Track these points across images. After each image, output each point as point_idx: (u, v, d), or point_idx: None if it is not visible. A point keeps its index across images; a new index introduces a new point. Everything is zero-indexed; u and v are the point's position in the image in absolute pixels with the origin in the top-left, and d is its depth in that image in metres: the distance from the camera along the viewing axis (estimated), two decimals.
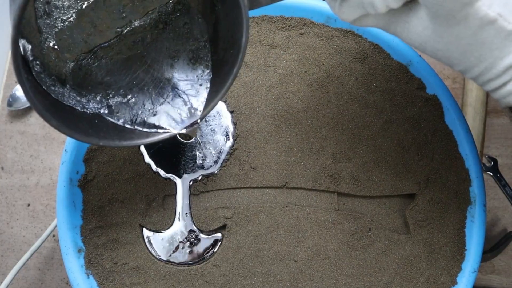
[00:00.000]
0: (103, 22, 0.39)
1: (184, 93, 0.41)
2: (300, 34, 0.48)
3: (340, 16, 0.35)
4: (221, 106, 0.47)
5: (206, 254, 0.44)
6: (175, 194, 0.45)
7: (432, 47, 0.31)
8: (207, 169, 0.46)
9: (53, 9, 0.38)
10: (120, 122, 0.40)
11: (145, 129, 0.40)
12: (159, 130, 0.40)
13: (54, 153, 0.58)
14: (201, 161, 0.46)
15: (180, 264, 0.44)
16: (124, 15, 0.39)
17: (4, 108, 0.61)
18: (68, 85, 0.39)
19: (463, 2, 0.27)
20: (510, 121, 0.37)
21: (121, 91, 0.41)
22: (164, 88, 0.41)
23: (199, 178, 0.46)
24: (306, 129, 0.46)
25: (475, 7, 0.27)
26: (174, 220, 0.45)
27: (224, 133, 0.46)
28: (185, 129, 0.39)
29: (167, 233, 0.45)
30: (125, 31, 0.40)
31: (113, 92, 0.40)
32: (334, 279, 0.44)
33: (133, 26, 0.40)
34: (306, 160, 0.46)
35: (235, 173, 0.45)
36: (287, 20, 0.49)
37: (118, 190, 0.45)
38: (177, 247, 0.45)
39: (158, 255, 0.44)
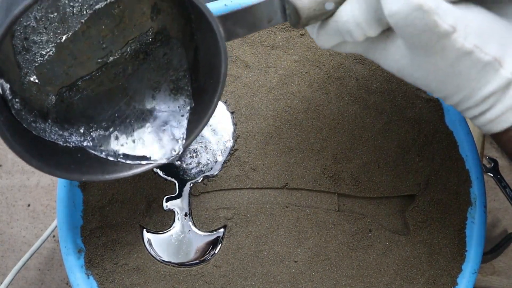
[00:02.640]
0: (83, 54, 0.39)
1: (166, 123, 0.41)
2: (300, 34, 0.48)
3: (318, 43, 0.35)
4: (221, 107, 0.47)
5: (206, 254, 0.44)
6: (175, 195, 0.45)
7: (410, 75, 0.31)
8: (208, 171, 0.46)
9: (31, 44, 0.38)
10: (103, 155, 0.40)
11: (128, 161, 0.40)
12: (142, 162, 0.40)
13: None
14: (202, 166, 0.46)
15: (180, 264, 0.44)
16: (104, 45, 0.39)
17: None
18: (49, 120, 0.39)
19: (439, 34, 0.27)
20: (498, 146, 0.37)
21: (103, 123, 0.40)
22: (146, 120, 0.41)
23: (200, 180, 0.46)
24: (306, 130, 0.46)
25: (452, 39, 0.27)
26: (174, 221, 0.45)
27: (225, 134, 0.46)
28: (167, 160, 0.39)
29: (167, 234, 0.45)
30: (107, 61, 0.40)
31: (95, 125, 0.40)
32: (335, 280, 0.44)
33: (114, 56, 0.40)
34: (307, 161, 0.46)
35: (235, 174, 0.45)
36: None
37: (118, 190, 0.45)
38: (177, 248, 0.45)
39: (158, 256, 0.44)
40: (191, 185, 0.46)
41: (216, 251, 0.44)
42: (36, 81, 0.38)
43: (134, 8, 0.39)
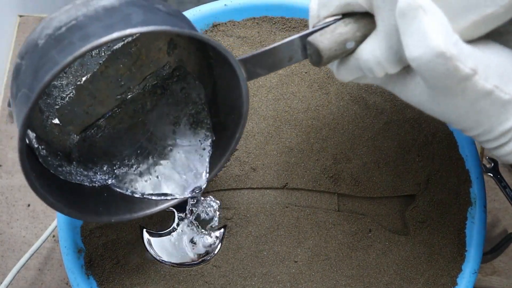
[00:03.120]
0: (102, 93, 0.39)
1: (188, 158, 0.41)
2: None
3: (338, 77, 0.35)
4: None
5: (206, 255, 0.44)
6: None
7: (430, 109, 0.31)
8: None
9: (52, 89, 0.38)
10: (129, 192, 0.40)
11: (154, 197, 0.40)
12: (167, 197, 0.40)
13: None
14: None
15: (180, 264, 0.44)
16: (122, 83, 0.39)
17: (5, 109, 0.61)
18: (74, 162, 0.39)
19: (460, 77, 0.27)
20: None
21: (126, 160, 0.41)
22: (168, 155, 0.41)
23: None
24: (306, 130, 0.46)
25: (472, 81, 0.28)
26: (174, 221, 0.45)
27: None
28: (191, 194, 0.40)
29: (167, 234, 0.45)
30: (125, 98, 0.40)
31: (118, 162, 0.41)
32: (334, 280, 0.44)
33: (132, 92, 0.40)
34: (307, 161, 0.46)
35: (235, 174, 0.45)
36: (287, 21, 0.49)
37: None
38: (177, 248, 0.45)
39: (158, 256, 0.44)
40: None
41: (216, 251, 0.44)
42: (58, 122, 0.39)
43: (151, 45, 0.39)
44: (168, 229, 0.45)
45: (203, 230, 0.45)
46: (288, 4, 0.49)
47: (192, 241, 0.45)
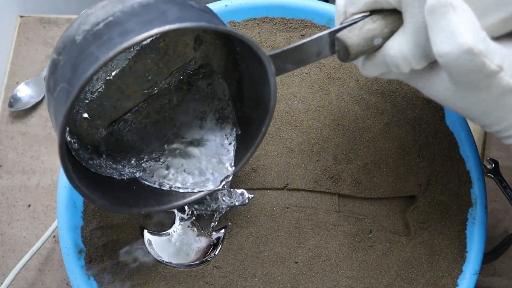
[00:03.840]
0: (129, 87, 0.40)
1: (215, 151, 0.42)
2: (301, 35, 0.48)
3: (363, 72, 0.36)
4: None
5: (207, 255, 0.44)
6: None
7: (453, 105, 0.32)
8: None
9: None
10: (157, 185, 0.41)
11: (181, 190, 0.41)
12: (194, 190, 0.41)
13: (55, 154, 0.58)
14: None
15: (180, 265, 0.44)
16: (149, 78, 0.40)
17: (5, 109, 0.61)
18: (104, 155, 0.40)
19: (486, 74, 0.28)
20: None
21: (153, 154, 0.41)
22: (195, 149, 0.42)
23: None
24: (307, 130, 0.46)
25: (498, 77, 0.28)
26: (174, 222, 0.45)
27: None
28: (218, 187, 0.41)
29: (167, 235, 0.45)
30: (152, 92, 0.40)
31: (146, 156, 0.41)
32: (335, 281, 0.44)
33: (158, 87, 0.41)
34: (307, 162, 0.46)
35: (235, 175, 0.45)
36: (288, 22, 0.49)
37: None
38: (177, 248, 0.44)
39: (159, 256, 0.44)
40: None
41: (216, 252, 0.44)
42: (87, 116, 0.39)
43: (178, 41, 0.40)
44: (169, 230, 0.45)
45: (203, 231, 0.45)
46: (288, 4, 0.49)
47: (192, 242, 0.45)
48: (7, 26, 0.63)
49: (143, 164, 0.41)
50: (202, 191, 0.41)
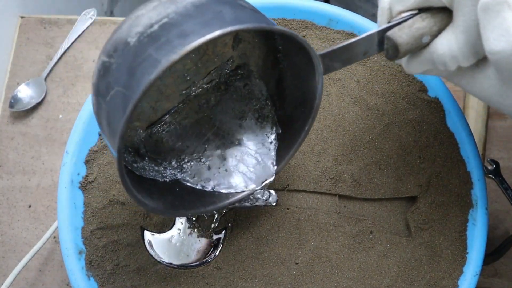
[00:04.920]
0: (168, 88, 0.39)
1: (256, 151, 0.41)
2: (302, 36, 0.48)
3: (407, 69, 0.36)
4: None
5: (207, 256, 0.44)
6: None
7: (497, 102, 0.32)
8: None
9: None
10: (199, 186, 0.41)
11: (223, 190, 0.41)
12: (237, 190, 0.41)
13: (55, 155, 0.58)
14: None
15: (181, 266, 0.44)
16: (188, 78, 0.40)
17: (6, 109, 0.61)
18: (146, 157, 0.40)
19: None
20: None
21: (194, 155, 0.41)
22: (236, 148, 0.42)
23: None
24: None
25: None
26: (175, 222, 0.45)
27: None
28: (261, 186, 0.40)
29: (168, 235, 0.45)
30: (190, 93, 0.40)
31: (186, 157, 0.41)
32: (335, 282, 0.44)
33: (196, 87, 0.40)
34: (307, 163, 0.46)
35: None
36: (288, 23, 0.49)
37: (119, 191, 0.45)
38: (178, 249, 0.44)
39: (159, 257, 0.44)
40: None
41: (217, 253, 0.44)
42: None
43: (218, 40, 0.39)
44: (169, 231, 0.45)
45: (204, 232, 0.45)
46: (289, 5, 0.49)
47: (192, 243, 0.45)
48: (8, 27, 0.63)
49: (184, 165, 0.41)
50: (245, 191, 0.41)
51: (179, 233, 0.45)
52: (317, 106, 0.37)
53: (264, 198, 0.43)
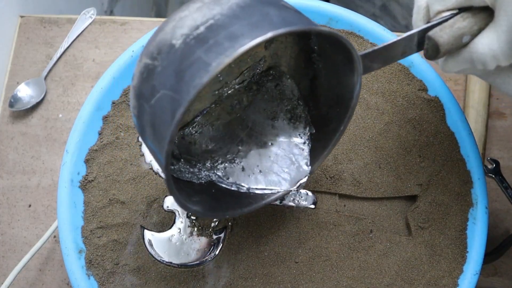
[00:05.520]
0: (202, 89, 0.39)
1: (290, 151, 0.41)
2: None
3: (444, 68, 0.36)
4: None
5: (207, 255, 0.44)
6: None
7: None
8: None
9: None
10: (234, 188, 0.40)
11: (258, 191, 0.40)
12: (273, 190, 0.40)
13: (55, 154, 0.58)
14: None
15: (181, 265, 0.44)
16: (221, 78, 0.39)
17: (6, 109, 0.61)
18: (181, 159, 0.40)
19: None
20: None
21: (228, 156, 0.41)
22: (269, 149, 0.42)
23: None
24: None
25: None
26: (175, 221, 0.45)
27: None
28: (295, 186, 0.40)
29: (168, 234, 0.45)
30: (222, 93, 0.40)
31: (220, 158, 0.41)
32: (335, 281, 0.44)
33: (228, 87, 0.40)
34: None
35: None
36: None
37: (119, 191, 0.45)
38: (178, 248, 0.44)
39: (159, 256, 0.44)
40: None
41: (217, 252, 0.44)
42: None
43: None
44: (169, 230, 0.45)
45: (204, 231, 0.45)
46: None
47: (192, 242, 0.45)
48: (8, 26, 0.63)
49: (218, 166, 0.41)
50: (280, 191, 0.40)
51: (179, 232, 0.45)
52: (353, 106, 0.37)
53: (303, 200, 0.43)
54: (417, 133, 0.47)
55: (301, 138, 0.41)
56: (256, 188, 0.40)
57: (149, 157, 0.46)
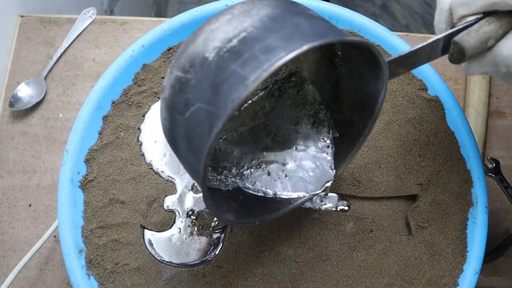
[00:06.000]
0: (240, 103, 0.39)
1: (314, 155, 0.41)
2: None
3: (466, 71, 0.37)
4: None
5: (207, 255, 0.44)
6: (175, 195, 0.45)
7: None
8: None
9: None
10: (261, 193, 0.41)
11: (284, 196, 0.41)
12: (299, 195, 0.41)
13: (56, 154, 0.58)
14: None
15: (181, 265, 0.44)
16: None
17: (6, 109, 0.61)
18: (208, 167, 0.40)
19: None
20: None
21: (253, 162, 0.41)
22: (294, 154, 0.42)
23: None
24: None
25: None
26: (175, 221, 0.45)
27: None
28: (321, 190, 0.40)
29: (168, 234, 0.45)
30: (246, 100, 0.40)
31: (246, 164, 0.41)
32: (335, 280, 0.44)
33: (252, 94, 0.40)
34: None
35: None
36: None
37: (119, 190, 0.45)
38: (178, 248, 0.44)
39: (159, 256, 0.44)
40: (195, 185, 0.46)
41: (217, 252, 0.44)
42: None
43: None
44: (169, 229, 0.45)
45: (204, 230, 0.45)
46: None
47: (193, 241, 0.45)
48: (8, 26, 0.63)
49: (244, 172, 0.41)
50: (306, 195, 0.41)
51: (179, 232, 0.45)
52: (378, 111, 0.37)
53: (332, 203, 0.43)
54: (417, 132, 0.47)
55: (325, 142, 0.42)
56: (282, 193, 0.41)
57: (149, 157, 0.46)
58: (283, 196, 0.41)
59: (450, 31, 0.35)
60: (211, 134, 0.29)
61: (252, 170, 0.41)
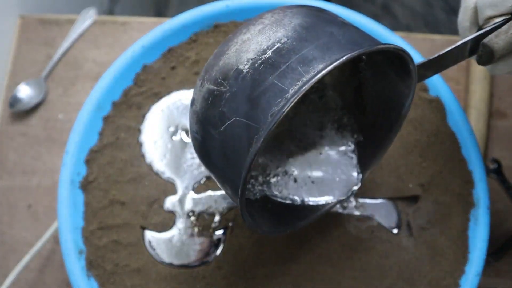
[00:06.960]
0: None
1: (339, 160, 0.41)
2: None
3: (492, 71, 0.36)
4: None
5: (208, 256, 0.44)
6: (176, 195, 0.45)
7: None
8: None
9: None
10: (288, 201, 0.40)
11: (311, 202, 0.40)
12: (327, 200, 0.40)
13: (56, 155, 0.58)
14: None
15: (181, 266, 0.44)
16: None
17: (6, 109, 0.61)
18: None
19: None
20: None
21: (279, 169, 0.41)
22: (319, 159, 0.41)
23: (202, 181, 0.45)
24: None
25: None
26: (175, 222, 0.45)
27: None
28: (348, 195, 0.40)
29: (168, 235, 0.45)
30: None
31: (272, 172, 0.41)
32: (336, 282, 0.43)
33: None
34: None
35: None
36: None
37: (119, 191, 0.45)
38: (178, 249, 0.44)
39: (160, 257, 0.44)
40: (196, 185, 0.46)
41: (217, 253, 0.44)
42: None
43: None
44: (170, 230, 0.45)
45: (204, 231, 0.45)
46: (290, 4, 0.48)
47: (193, 243, 0.44)
48: (8, 27, 0.63)
49: (270, 180, 0.40)
50: (333, 201, 0.40)
51: (179, 233, 0.45)
52: (405, 114, 0.37)
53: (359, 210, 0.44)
54: (418, 133, 0.46)
55: (350, 146, 0.41)
56: (310, 200, 0.41)
57: (149, 157, 0.46)
58: (310, 203, 0.40)
59: (478, 33, 0.35)
60: (252, 149, 0.28)
61: (278, 177, 0.41)
